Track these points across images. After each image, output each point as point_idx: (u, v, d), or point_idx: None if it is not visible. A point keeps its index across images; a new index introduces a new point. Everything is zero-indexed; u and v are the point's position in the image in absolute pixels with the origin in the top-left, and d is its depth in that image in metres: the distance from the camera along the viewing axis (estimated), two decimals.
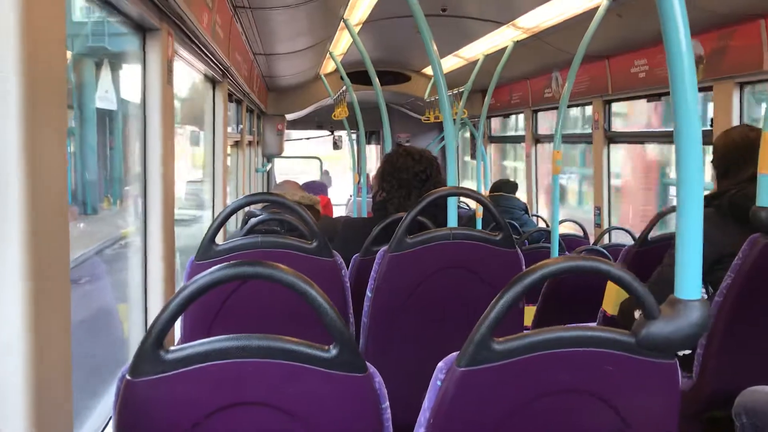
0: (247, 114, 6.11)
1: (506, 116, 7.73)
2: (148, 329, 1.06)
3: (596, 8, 3.63)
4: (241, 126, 5.57)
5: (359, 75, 6.44)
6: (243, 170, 5.83)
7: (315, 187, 9.57)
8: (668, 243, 2.37)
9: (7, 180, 0.94)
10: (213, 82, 3.64)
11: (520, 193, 5.61)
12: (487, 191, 5.81)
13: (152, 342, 1.05)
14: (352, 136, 7.69)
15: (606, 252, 3.41)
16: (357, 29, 4.54)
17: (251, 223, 2.48)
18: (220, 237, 3.35)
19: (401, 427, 1.33)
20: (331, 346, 1.08)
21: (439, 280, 2.02)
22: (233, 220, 3.84)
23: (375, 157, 10.96)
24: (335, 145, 11.01)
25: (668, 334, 1.10)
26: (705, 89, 3.65)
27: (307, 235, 2.23)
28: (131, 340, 2.16)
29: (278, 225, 2.85)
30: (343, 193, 11.33)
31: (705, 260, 1.22)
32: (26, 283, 0.97)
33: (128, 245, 2.34)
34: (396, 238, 1.96)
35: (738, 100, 3.49)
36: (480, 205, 4.20)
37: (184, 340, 1.87)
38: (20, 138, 0.95)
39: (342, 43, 5.73)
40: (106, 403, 1.89)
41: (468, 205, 6.41)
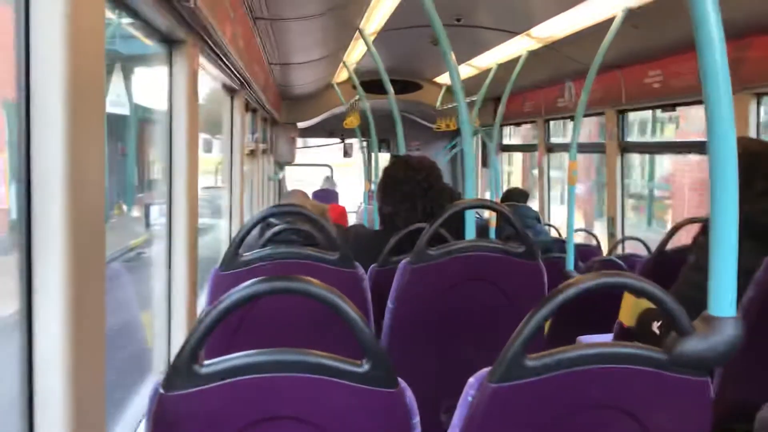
0: (261, 122, 6.14)
1: (518, 125, 7.73)
2: (182, 343, 1.07)
3: (611, 19, 3.63)
4: (256, 135, 5.60)
5: (371, 83, 6.46)
6: (257, 178, 5.85)
7: (326, 195, 9.58)
8: (685, 255, 2.35)
9: (50, 186, 0.96)
10: (232, 92, 3.67)
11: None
12: (498, 200, 5.81)
13: (187, 356, 1.05)
14: (363, 144, 7.71)
15: (622, 263, 3.40)
16: (371, 39, 4.56)
17: (270, 232, 2.50)
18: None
19: None
20: (363, 361, 1.08)
21: (461, 292, 2.02)
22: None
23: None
24: (345, 153, 11.03)
25: (702, 351, 1.10)
26: None
27: (324, 244, 2.24)
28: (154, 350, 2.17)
29: (295, 234, 2.86)
30: (353, 200, 11.34)
31: None
32: (66, 292, 0.98)
33: (138, 257, 2.32)
34: (418, 249, 1.97)
35: (755, 111, 3.48)
36: (493, 214, 4.20)
37: (206, 352, 1.87)
38: (63, 146, 0.97)
39: (356, 53, 5.76)
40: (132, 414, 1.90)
41: (480, 214, 6.41)
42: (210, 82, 3.44)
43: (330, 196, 9.80)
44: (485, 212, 5.60)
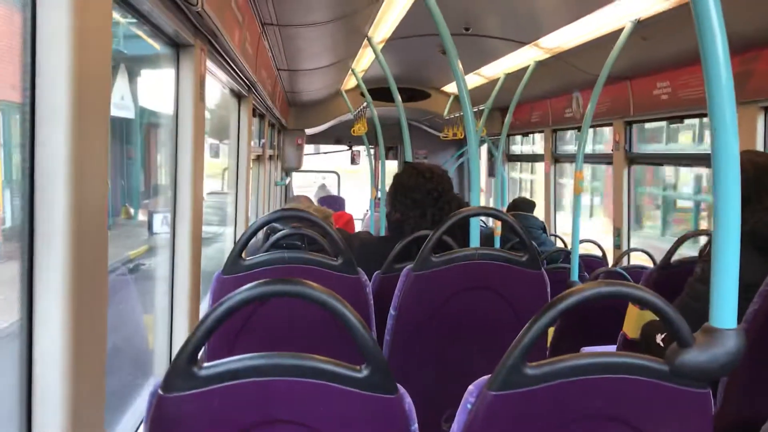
0: (269, 128, 6.16)
1: (525, 135, 7.73)
2: (182, 345, 1.07)
3: (619, 30, 3.63)
4: (263, 140, 5.61)
5: (379, 91, 6.47)
6: (264, 184, 5.87)
7: (333, 202, 9.59)
8: (692, 267, 2.34)
9: (54, 182, 0.97)
10: (239, 97, 3.68)
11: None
12: (504, 209, 5.80)
13: (186, 358, 1.05)
14: (371, 151, 7.72)
15: (626, 274, 3.39)
16: (380, 47, 4.57)
17: (274, 237, 2.50)
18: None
19: None
20: (362, 367, 1.08)
21: (463, 299, 2.01)
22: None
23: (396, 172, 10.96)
24: (353, 161, 11.05)
25: (703, 363, 1.09)
26: None
27: (328, 250, 2.23)
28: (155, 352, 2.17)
29: (299, 239, 2.87)
30: (360, 208, 11.35)
31: None
32: (67, 292, 0.99)
33: (137, 269, 2.29)
34: (421, 256, 1.96)
35: (763, 124, 3.47)
36: (498, 223, 4.20)
37: (207, 355, 1.87)
38: (67, 147, 0.98)
39: (364, 61, 5.77)
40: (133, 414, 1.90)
41: (485, 223, 6.40)
42: (221, 88, 3.45)
43: (336, 203, 9.81)
44: (491, 221, 5.60)
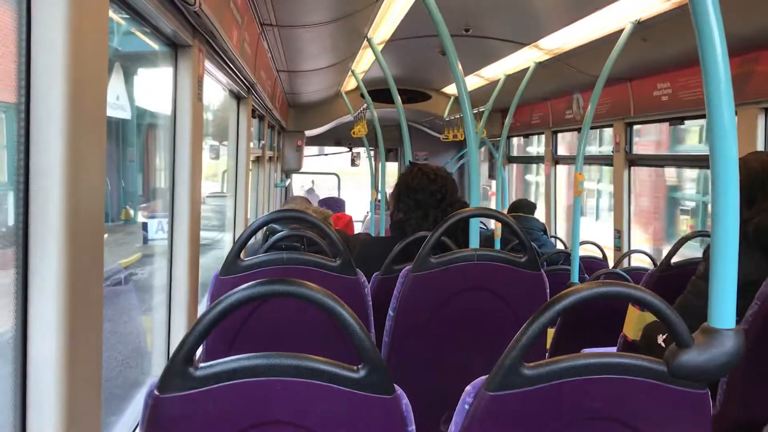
0: (268, 130, 6.16)
1: (526, 136, 7.73)
2: (178, 345, 1.06)
3: (619, 31, 3.63)
4: (262, 141, 5.61)
5: (379, 93, 6.47)
6: (263, 185, 5.86)
7: (333, 204, 9.59)
8: (692, 269, 2.34)
9: (49, 184, 0.97)
10: (238, 98, 3.68)
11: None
12: (504, 211, 5.80)
13: (182, 358, 1.05)
14: (371, 153, 7.72)
15: (627, 276, 3.38)
16: (380, 48, 4.57)
17: (273, 238, 2.49)
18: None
19: None
20: (359, 367, 1.08)
21: (462, 300, 2.00)
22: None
23: (397, 173, 10.99)
24: (353, 162, 11.06)
25: (701, 364, 1.09)
26: None
27: (327, 251, 2.22)
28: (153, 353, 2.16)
29: (298, 241, 2.86)
30: (360, 209, 11.35)
31: None
32: (62, 294, 0.98)
33: (129, 279, 2.27)
34: (420, 257, 1.96)
35: (763, 125, 3.46)
36: (499, 225, 4.19)
37: (206, 356, 1.87)
38: (62, 148, 0.97)
39: (364, 62, 5.77)
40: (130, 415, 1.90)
41: (485, 225, 6.40)
42: (220, 89, 3.45)
43: (337, 204, 9.81)
44: (491, 223, 5.59)
